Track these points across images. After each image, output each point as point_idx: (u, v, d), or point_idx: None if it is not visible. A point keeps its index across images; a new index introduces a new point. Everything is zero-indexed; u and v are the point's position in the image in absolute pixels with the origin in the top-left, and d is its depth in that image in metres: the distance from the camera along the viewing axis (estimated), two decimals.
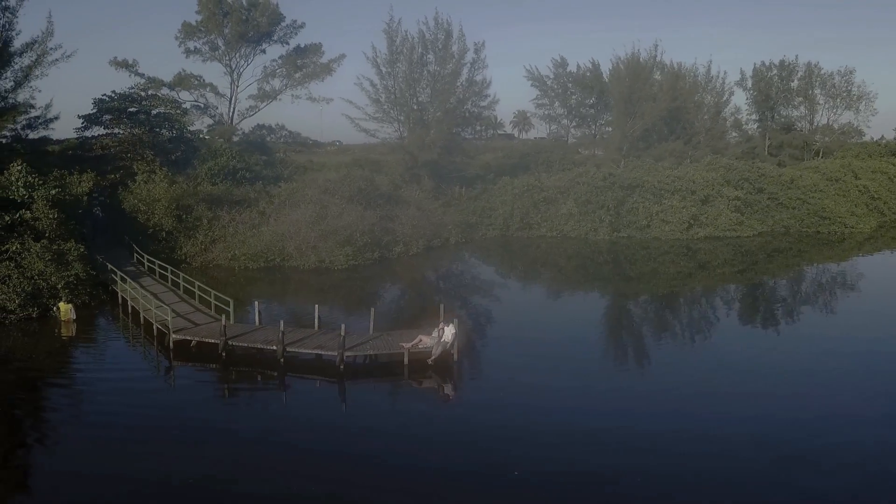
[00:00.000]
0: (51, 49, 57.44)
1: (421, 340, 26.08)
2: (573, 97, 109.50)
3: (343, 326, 25.44)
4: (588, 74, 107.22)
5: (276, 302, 37.34)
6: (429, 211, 55.92)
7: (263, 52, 77.48)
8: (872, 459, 18.47)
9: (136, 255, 41.08)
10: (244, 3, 73.50)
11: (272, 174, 61.00)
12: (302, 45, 76.68)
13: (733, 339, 31.28)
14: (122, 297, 33.40)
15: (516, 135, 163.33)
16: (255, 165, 57.44)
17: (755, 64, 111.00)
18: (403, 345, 25.90)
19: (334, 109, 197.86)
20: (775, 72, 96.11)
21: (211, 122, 77.76)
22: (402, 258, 48.07)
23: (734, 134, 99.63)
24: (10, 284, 31.90)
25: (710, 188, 61.56)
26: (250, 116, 78.27)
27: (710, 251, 54.85)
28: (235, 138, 75.45)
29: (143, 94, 67.17)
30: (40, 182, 39.90)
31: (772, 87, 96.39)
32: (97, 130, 66.71)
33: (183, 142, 66.30)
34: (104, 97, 65.56)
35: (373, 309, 28.01)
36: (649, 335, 32.70)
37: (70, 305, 31.05)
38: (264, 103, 77.34)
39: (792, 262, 53.44)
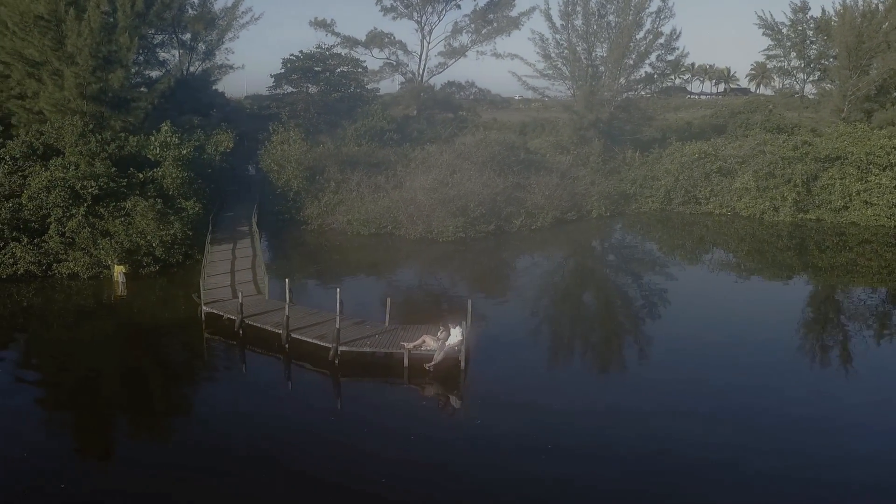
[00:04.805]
0: (241, 13, 60.88)
1: (424, 342, 22.71)
2: (813, 47, 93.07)
3: (338, 319, 22.84)
4: (835, 21, 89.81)
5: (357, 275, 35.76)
6: (574, 178, 50.39)
7: (458, 6, 75.57)
8: None
9: (255, 214, 41.65)
10: None
11: (432, 134, 59.25)
12: None
13: None
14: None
15: (753, 89, 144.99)
16: (409, 125, 55.92)
17: None
18: (404, 344, 22.75)
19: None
20: None
21: (402, 79, 78.19)
22: (522, 232, 43.71)
23: None
24: (114, 241, 33.53)
25: None
26: (439, 73, 77.38)
27: None
28: (424, 95, 75.04)
29: (327, 53, 68.72)
30: (176, 142, 41.74)
31: None
32: (288, 89, 70.05)
33: (360, 100, 66.97)
34: (292, 57, 68.28)
35: (389, 299, 24.91)
36: (850, 340, 26.93)
37: (121, 268, 31.88)
38: (452, 60, 76.02)
39: None
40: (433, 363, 22.17)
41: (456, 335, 22.37)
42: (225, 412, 19.56)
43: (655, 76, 62.47)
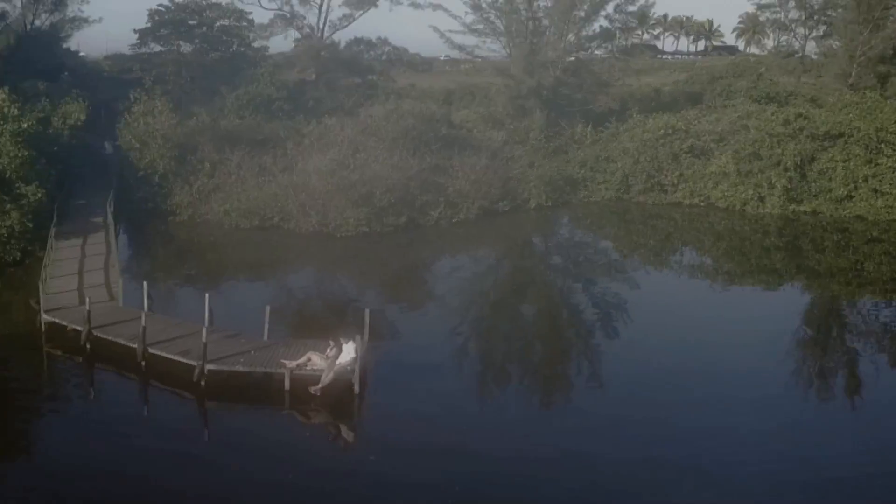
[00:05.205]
0: None
1: (310, 360, 24.14)
2: None
3: (204, 332, 24.02)
4: None
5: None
6: (509, 159, 52.57)
7: None
8: None
9: (111, 202, 42.10)
10: None
11: (334, 103, 60.45)
12: None
13: None
14: None
15: (741, 48, 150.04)
16: (305, 93, 56.99)
17: None
18: (286, 363, 24.07)
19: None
20: None
21: (298, 36, 78.51)
22: (441, 225, 46.03)
23: None
24: None
25: None
26: (344, 28, 77.97)
27: None
28: (325, 55, 75.66)
29: (203, 2, 68.99)
30: (16, 113, 41.64)
31: None
32: (155, 47, 70.00)
33: (245, 61, 67.60)
34: (160, 7, 68.29)
35: (268, 308, 26.16)
36: (855, 368, 27.90)
37: None
38: (360, 11, 76.44)
39: None
40: (320, 385, 23.72)
41: (349, 352, 23.90)
42: (65, 450, 20.48)
43: (615, 32, 64.48)
